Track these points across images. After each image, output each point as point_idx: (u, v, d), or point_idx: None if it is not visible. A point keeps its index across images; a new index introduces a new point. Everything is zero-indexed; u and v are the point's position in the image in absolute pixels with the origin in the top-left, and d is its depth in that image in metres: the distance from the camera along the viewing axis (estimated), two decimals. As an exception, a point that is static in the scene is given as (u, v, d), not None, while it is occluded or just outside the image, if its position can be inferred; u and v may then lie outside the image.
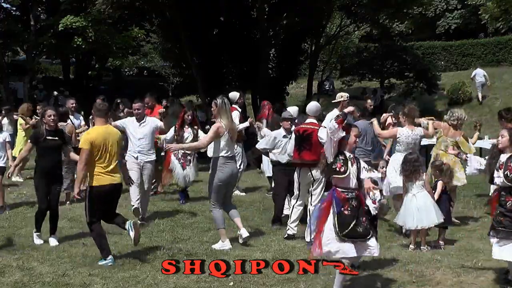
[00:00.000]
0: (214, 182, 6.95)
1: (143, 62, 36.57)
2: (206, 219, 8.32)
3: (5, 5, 26.11)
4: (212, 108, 7.18)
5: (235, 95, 10.75)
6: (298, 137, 7.33)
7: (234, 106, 10.64)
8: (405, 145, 7.64)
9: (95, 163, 6.28)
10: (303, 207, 7.48)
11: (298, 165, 7.37)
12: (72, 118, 10.56)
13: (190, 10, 17.62)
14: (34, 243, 7.13)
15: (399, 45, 25.17)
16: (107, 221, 6.61)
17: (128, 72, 38.57)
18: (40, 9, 26.10)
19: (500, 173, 5.41)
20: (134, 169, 8.20)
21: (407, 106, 8.04)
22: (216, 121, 7.03)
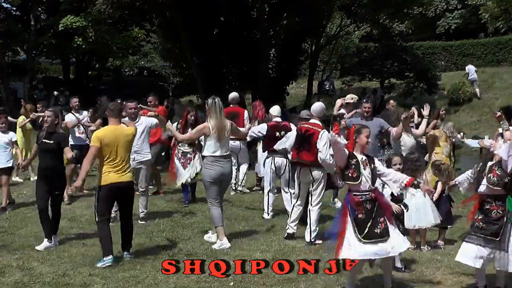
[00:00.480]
0: (205, 180, 7.14)
1: (143, 62, 36.59)
2: (206, 219, 8.31)
3: (5, 5, 26.14)
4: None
5: (236, 95, 10.77)
6: (300, 136, 7.32)
7: (236, 106, 10.66)
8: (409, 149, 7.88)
9: (104, 162, 6.32)
10: (303, 207, 7.48)
11: (296, 164, 7.37)
12: (78, 115, 10.63)
13: (190, 10, 17.63)
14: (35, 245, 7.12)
15: (399, 45, 25.17)
16: (124, 222, 6.64)
17: (128, 72, 38.59)
18: (40, 9, 26.13)
19: (484, 180, 5.35)
20: None
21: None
22: (206, 121, 7.18)
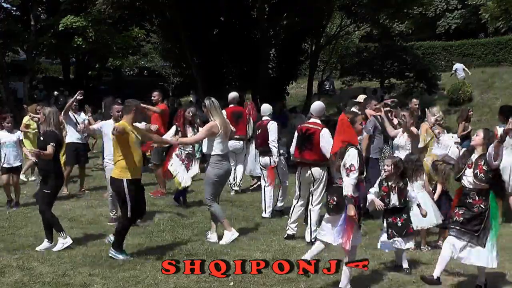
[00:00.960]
0: (211, 178, 7.20)
1: (143, 62, 36.62)
2: (206, 219, 8.30)
3: (5, 5, 26.17)
4: (204, 111, 7.39)
5: (236, 95, 10.78)
6: (300, 136, 7.33)
7: (237, 106, 10.68)
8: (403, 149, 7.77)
9: (133, 155, 6.44)
10: (304, 207, 7.48)
11: (298, 164, 7.39)
12: (76, 116, 10.61)
13: (190, 10, 17.61)
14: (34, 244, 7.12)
15: (399, 45, 25.15)
16: (138, 217, 6.78)
17: (128, 72, 38.60)
18: (40, 9, 26.15)
19: (469, 172, 5.35)
20: None
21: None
22: (211, 120, 7.22)
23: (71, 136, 10.39)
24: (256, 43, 18.70)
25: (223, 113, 7.83)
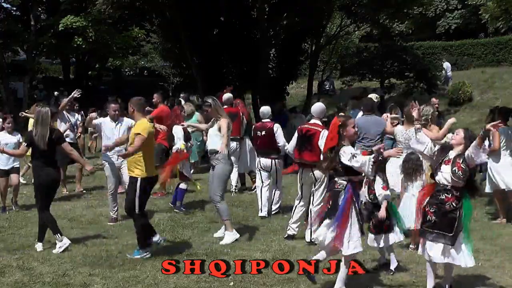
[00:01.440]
0: (223, 174, 7.27)
1: (143, 62, 36.61)
2: (206, 219, 8.32)
3: (5, 5, 26.17)
4: (207, 111, 7.40)
5: (230, 96, 10.72)
6: (300, 137, 7.34)
7: (231, 107, 10.66)
8: (403, 144, 7.67)
9: (149, 154, 6.55)
10: (306, 208, 7.48)
11: (299, 165, 7.40)
12: (69, 116, 10.64)
13: (190, 10, 17.59)
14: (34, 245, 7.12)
15: (399, 45, 25.15)
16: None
17: (128, 72, 38.60)
18: (40, 9, 26.16)
19: (446, 169, 5.24)
20: (113, 176, 8.42)
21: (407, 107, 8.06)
22: (218, 119, 7.22)
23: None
24: (256, 43, 18.68)
25: None
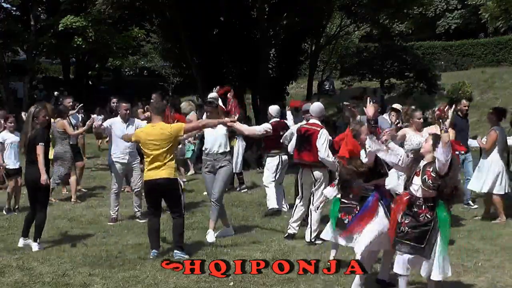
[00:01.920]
0: (228, 175, 7.49)
1: (143, 62, 36.62)
2: (206, 219, 8.30)
3: (5, 5, 26.17)
4: (210, 110, 7.44)
5: (215, 96, 10.65)
6: (300, 137, 7.35)
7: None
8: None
9: (145, 159, 6.58)
10: (306, 207, 7.48)
11: (298, 165, 7.40)
12: (71, 118, 10.64)
13: (190, 10, 17.59)
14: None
15: (399, 45, 25.19)
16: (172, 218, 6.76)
17: (128, 72, 38.61)
18: (40, 9, 26.15)
19: (416, 180, 5.03)
20: (119, 176, 8.49)
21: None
22: (229, 118, 7.31)
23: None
24: (256, 43, 18.68)
25: None
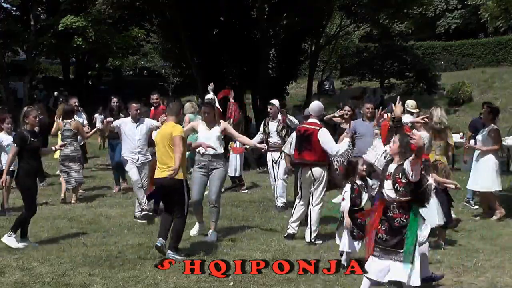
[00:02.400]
0: (224, 176, 7.53)
1: (143, 62, 36.60)
2: (206, 219, 8.29)
3: (5, 5, 26.16)
4: (207, 111, 7.43)
5: (213, 97, 10.61)
6: (299, 137, 7.35)
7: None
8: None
9: (185, 156, 6.70)
10: (306, 207, 7.48)
11: (298, 165, 7.40)
12: (76, 117, 10.68)
13: (190, 10, 17.59)
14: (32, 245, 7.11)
15: (399, 45, 25.21)
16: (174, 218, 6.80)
17: (128, 72, 38.61)
18: (40, 9, 26.15)
19: (387, 184, 4.91)
20: (134, 169, 8.49)
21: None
22: (224, 122, 7.50)
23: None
24: (256, 43, 18.68)
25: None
